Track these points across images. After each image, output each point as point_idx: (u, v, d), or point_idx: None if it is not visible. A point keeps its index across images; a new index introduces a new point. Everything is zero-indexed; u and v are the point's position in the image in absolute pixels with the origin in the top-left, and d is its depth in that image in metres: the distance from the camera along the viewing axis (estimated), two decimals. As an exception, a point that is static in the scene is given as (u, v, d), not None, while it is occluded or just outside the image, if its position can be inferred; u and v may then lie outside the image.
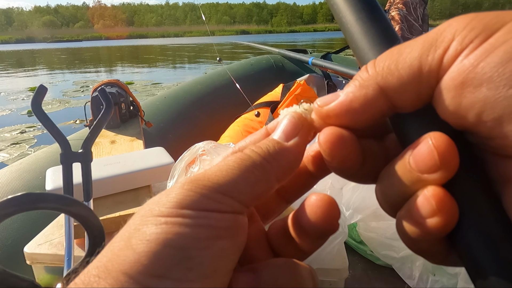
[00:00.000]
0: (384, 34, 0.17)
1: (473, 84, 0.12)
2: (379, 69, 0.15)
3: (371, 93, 0.15)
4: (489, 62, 0.12)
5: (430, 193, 0.13)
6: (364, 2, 0.18)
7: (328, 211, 0.15)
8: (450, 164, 0.13)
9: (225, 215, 0.14)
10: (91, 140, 0.46)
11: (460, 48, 0.13)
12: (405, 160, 0.14)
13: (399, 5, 1.81)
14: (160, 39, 61.05)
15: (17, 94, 4.52)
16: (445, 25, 0.14)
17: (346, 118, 0.15)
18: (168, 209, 0.14)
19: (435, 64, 0.13)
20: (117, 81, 1.04)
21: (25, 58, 13.30)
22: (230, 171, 0.15)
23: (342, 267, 0.46)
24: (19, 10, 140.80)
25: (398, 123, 0.15)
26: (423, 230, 0.14)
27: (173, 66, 8.11)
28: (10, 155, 2.16)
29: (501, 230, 0.13)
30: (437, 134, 0.13)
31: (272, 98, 1.26)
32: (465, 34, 0.13)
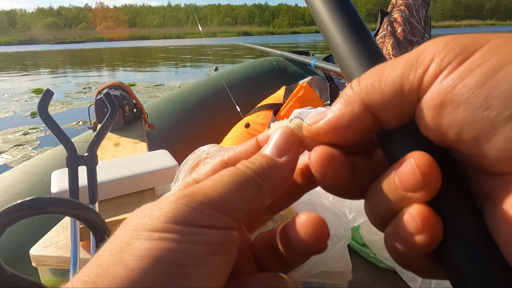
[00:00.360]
0: (369, 53, 0.17)
1: (452, 105, 0.13)
2: (363, 86, 0.15)
3: (357, 109, 0.15)
4: (465, 84, 0.13)
5: (415, 211, 0.14)
6: (350, 22, 0.18)
7: (318, 232, 0.16)
8: (433, 183, 0.13)
9: (220, 231, 0.14)
10: (96, 144, 0.47)
11: (439, 69, 0.13)
12: (390, 178, 0.14)
13: (402, 7, 1.81)
14: (162, 41, 61.24)
15: (20, 95, 4.55)
16: (426, 45, 0.14)
17: (335, 134, 0.16)
18: (162, 224, 0.13)
19: (415, 83, 0.14)
20: (121, 83, 1.04)
21: (28, 60, 13.36)
22: (226, 187, 0.15)
23: (345, 270, 0.47)
24: (22, 11, 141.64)
25: (384, 139, 0.16)
26: (409, 247, 0.14)
27: (175, 68, 8.13)
28: (13, 156, 2.17)
29: (483, 245, 0.13)
30: (419, 154, 0.14)
31: (274, 100, 1.26)
32: (443, 55, 0.13)
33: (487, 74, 0.12)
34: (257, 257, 0.18)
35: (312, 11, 0.20)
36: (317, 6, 0.19)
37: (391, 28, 1.73)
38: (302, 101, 1.16)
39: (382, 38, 1.73)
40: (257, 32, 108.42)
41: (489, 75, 0.12)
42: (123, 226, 0.14)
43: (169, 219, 0.13)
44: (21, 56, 16.24)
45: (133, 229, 0.14)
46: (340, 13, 0.18)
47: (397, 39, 1.70)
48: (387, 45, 1.68)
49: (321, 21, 0.19)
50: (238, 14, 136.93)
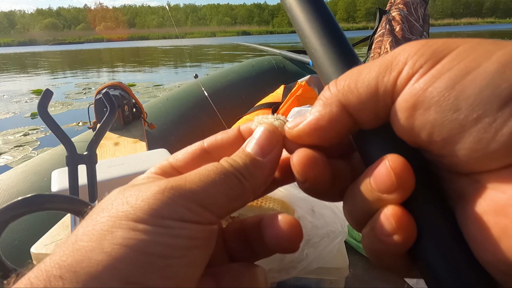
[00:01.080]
0: (345, 58, 0.18)
1: (423, 107, 0.13)
2: (340, 87, 0.16)
3: (335, 110, 0.15)
4: (435, 87, 0.13)
5: (390, 213, 0.14)
6: (326, 28, 0.19)
7: (293, 234, 0.16)
8: (406, 185, 0.14)
9: (203, 226, 0.15)
10: (95, 143, 0.47)
11: (412, 72, 0.14)
12: (366, 180, 0.15)
13: (400, 5, 1.82)
14: (161, 41, 61.19)
15: (20, 96, 4.55)
16: (400, 49, 0.15)
17: (316, 136, 0.16)
18: (147, 216, 0.14)
19: (390, 85, 0.14)
20: (120, 83, 1.05)
21: (27, 61, 13.37)
22: (211, 184, 0.15)
23: (342, 266, 0.47)
24: (22, 12, 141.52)
25: (360, 141, 0.16)
26: (385, 247, 0.14)
27: (175, 68, 8.13)
28: (13, 157, 2.17)
29: (455, 245, 0.14)
30: (393, 156, 0.14)
31: (273, 99, 1.26)
32: (416, 59, 0.14)
33: (455, 78, 0.13)
34: (227, 245, 0.19)
35: (290, 17, 0.21)
36: (295, 13, 0.20)
37: (390, 27, 1.74)
38: (301, 99, 1.17)
39: (381, 37, 1.73)
40: (256, 31, 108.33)
41: (457, 79, 0.13)
42: (102, 211, 0.14)
43: (154, 211, 0.14)
44: (20, 57, 16.24)
45: (114, 217, 0.14)
46: (317, 20, 0.19)
47: (395, 38, 1.70)
48: (385, 43, 1.68)
49: (299, 28, 0.20)
50: (238, 13, 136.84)
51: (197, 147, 0.19)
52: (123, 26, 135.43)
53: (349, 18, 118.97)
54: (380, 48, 1.69)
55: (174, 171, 0.18)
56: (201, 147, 0.19)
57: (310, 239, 0.45)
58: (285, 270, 0.44)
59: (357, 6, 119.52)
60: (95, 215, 0.14)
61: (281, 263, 0.43)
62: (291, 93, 1.20)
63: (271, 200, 0.46)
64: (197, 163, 0.18)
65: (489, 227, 0.13)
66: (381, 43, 1.71)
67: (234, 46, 13.57)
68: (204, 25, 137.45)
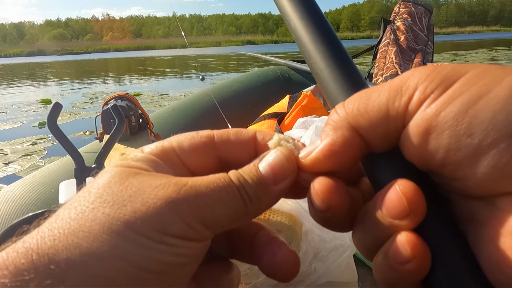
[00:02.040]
0: (351, 79, 0.18)
1: (436, 131, 0.13)
2: (349, 110, 0.15)
3: (347, 134, 0.15)
4: (448, 112, 0.13)
5: (404, 239, 0.14)
6: (332, 50, 0.19)
7: (291, 272, 0.17)
8: (419, 210, 0.14)
9: (200, 244, 0.15)
10: (104, 155, 0.48)
11: (423, 97, 0.14)
12: (377, 206, 0.15)
13: (404, 15, 1.82)
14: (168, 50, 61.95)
15: (28, 106, 4.61)
16: (409, 74, 0.15)
17: (330, 162, 0.16)
18: (150, 230, 0.13)
19: (401, 110, 0.14)
20: (127, 94, 1.06)
21: (36, 71, 13.59)
22: (217, 201, 0.15)
23: (351, 280, 0.46)
24: (31, 23, 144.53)
25: (369, 166, 0.16)
26: (399, 276, 0.14)
27: (180, 77, 8.21)
28: (21, 166, 2.20)
29: (470, 272, 0.13)
30: (404, 181, 0.14)
31: (279, 109, 1.27)
32: (426, 84, 0.14)
33: (468, 103, 0.13)
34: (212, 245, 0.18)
35: (295, 38, 0.21)
36: (300, 35, 0.20)
37: (394, 36, 1.74)
38: (306, 109, 1.17)
39: (385, 47, 1.74)
40: (261, 41, 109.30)
41: (470, 104, 0.13)
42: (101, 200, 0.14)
43: (159, 226, 0.14)
44: (29, 67, 16.53)
45: (115, 218, 0.13)
46: (322, 42, 0.19)
47: (400, 47, 1.71)
48: (390, 53, 1.68)
49: (304, 49, 0.20)
50: (242, 23, 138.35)
51: (206, 138, 0.18)
52: (129, 36, 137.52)
53: (353, 27, 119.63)
54: (385, 57, 1.69)
55: (175, 158, 0.18)
56: (210, 140, 0.18)
57: (318, 253, 0.45)
58: (293, 284, 0.43)
59: (361, 16, 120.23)
60: (93, 198, 0.14)
61: (289, 277, 0.43)
62: (296, 103, 1.20)
63: (278, 213, 0.46)
64: (202, 156, 0.18)
65: (506, 249, 0.12)
66: (386, 53, 1.71)
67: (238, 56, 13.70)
68: (209, 34, 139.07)
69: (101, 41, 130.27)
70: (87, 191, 0.15)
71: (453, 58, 7.94)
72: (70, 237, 0.13)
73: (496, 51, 10.19)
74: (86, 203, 0.14)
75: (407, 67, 1.62)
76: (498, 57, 7.84)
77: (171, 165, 0.17)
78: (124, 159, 0.17)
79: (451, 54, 9.35)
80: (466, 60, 7.35)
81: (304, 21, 0.20)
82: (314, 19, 0.20)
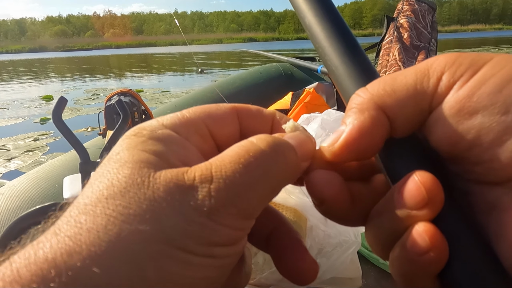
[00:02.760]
0: (367, 77, 0.18)
1: (470, 112, 0.14)
2: (373, 91, 0.15)
3: (375, 113, 0.15)
4: (482, 92, 0.13)
5: (422, 229, 0.13)
6: (347, 47, 0.19)
7: (311, 279, 0.16)
8: (437, 199, 0.14)
9: (243, 241, 0.14)
10: (108, 150, 0.47)
11: (453, 80, 0.14)
12: (394, 197, 0.14)
13: (408, 13, 1.81)
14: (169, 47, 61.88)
15: (30, 102, 4.62)
16: (433, 59, 0.15)
17: (361, 146, 0.15)
18: (196, 246, 0.12)
19: (430, 91, 0.14)
20: (130, 90, 1.06)
21: (37, 67, 13.60)
22: (256, 190, 0.14)
23: (355, 276, 0.47)
24: (32, 20, 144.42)
25: (385, 159, 0.16)
26: (417, 268, 0.14)
27: (182, 74, 8.20)
28: (24, 162, 2.20)
29: (487, 264, 0.13)
30: (422, 172, 0.14)
31: (281, 106, 1.26)
32: (454, 68, 0.14)
33: (501, 83, 0.13)
34: None
35: (310, 35, 0.20)
36: (315, 32, 0.20)
37: (397, 34, 1.73)
38: (309, 106, 1.16)
39: (389, 44, 1.73)
40: (262, 38, 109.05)
41: (504, 83, 0.13)
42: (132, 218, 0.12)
43: (204, 240, 0.12)
44: (30, 64, 16.54)
45: (156, 242, 0.12)
46: (337, 38, 0.19)
47: (403, 45, 1.70)
48: (393, 50, 1.67)
49: (319, 46, 0.20)
50: (244, 20, 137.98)
51: (231, 109, 0.17)
52: (131, 33, 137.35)
53: (356, 24, 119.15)
54: (388, 55, 1.69)
55: (204, 130, 0.16)
56: (235, 110, 0.17)
57: (323, 249, 0.45)
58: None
59: (363, 13, 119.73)
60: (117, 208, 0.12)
61: (294, 273, 0.43)
62: (299, 100, 1.20)
63: (283, 208, 0.46)
64: (230, 127, 0.17)
65: None
66: (389, 50, 1.71)
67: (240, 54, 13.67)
68: (210, 32, 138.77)
69: (102, 38, 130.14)
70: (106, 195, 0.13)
71: (456, 56, 7.89)
72: (105, 260, 0.11)
73: (498, 49, 10.15)
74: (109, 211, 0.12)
75: (410, 65, 1.61)
76: (501, 56, 7.80)
77: (197, 138, 0.16)
78: (141, 136, 0.15)
79: (454, 52, 9.29)
80: (468, 59, 7.29)
81: (319, 18, 0.20)
82: (329, 16, 0.20)
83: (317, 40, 0.20)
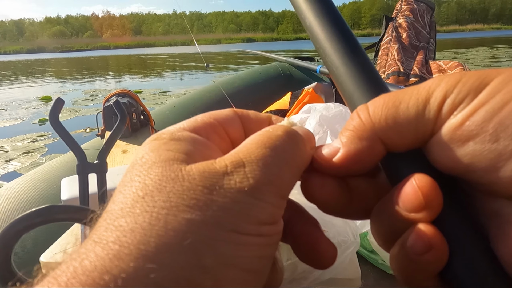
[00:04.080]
0: (368, 78, 0.18)
1: (461, 140, 0.14)
2: (376, 120, 0.15)
3: (372, 144, 0.15)
4: (473, 121, 0.14)
5: (421, 230, 0.14)
6: (348, 48, 0.19)
7: (331, 263, 0.17)
8: (434, 203, 0.14)
9: (281, 221, 0.15)
10: (106, 152, 0.47)
11: (453, 108, 0.14)
12: (393, 200, 0.15)
13: (406, 12, 1.82)
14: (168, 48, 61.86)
15: (28, 103, 4.61)
16: (434, 84, 0.15)
17: (352, 169, 0.16)
18: (247, 225, 0.13)
19: (430, 123, 0.15)
20: (128, 91, 1.06)
21: (36, 68, 13.57)
22: (284, 167, 0.14)
23: (354, 276, 0.46)
24: (31, 21, 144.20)
25: (387, 163, 0.16)
26: (416, 267, 0.14)
27: (180, 74, 8.20)
28: (22, 163, 2.19)
29: (489, 267, 0.13)
30: (420, 175, 0.14)
31: (280, 107, 1.26)
32: (454, 96, 0.14)
33: (492, 111, 0.13)
34: None
35: (311, 35, 0.21)
36: (316, 32, 0.20)
37: (396, 34, 1.74)
38: (308, 107, 1.16)
39: (387, 44, 1.73)
40: (261, 38, 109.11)
41: (494, 111, 0.13)
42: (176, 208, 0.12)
43: (250, 218, 0.13)
44: (29, 65, 16.51)
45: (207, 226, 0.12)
46: (338, 39, 0.19)
47: (402, 44, 1.70)
48: (392, 50, 1.68)
49: (320, 46, 0.20)
50: (243, 21, 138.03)
51: (233, 113, 0.18)
52: (129, 34, 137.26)
53: (354, 24, 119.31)
54: (387, 55, 1.69)
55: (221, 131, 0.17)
56: (236, 114, 0.18)
57: (322, 250, 0.45)
58: (297, 280, 0.43)
59: (362, 13, 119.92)
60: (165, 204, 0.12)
61: (293, 273, 0.42)
62: (298, 100, 1.20)
63: (282, 209, 0.46)
64: (237, 128, 0.18)
65: None
66: (387, 50, 1.71)
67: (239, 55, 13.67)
68: (209, 32, 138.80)
69: (100, 38, 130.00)
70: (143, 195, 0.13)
71: (454, 56, 7.91)
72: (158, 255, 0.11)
73: (497, 49, 10.17)
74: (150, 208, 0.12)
75: (409, 64, 1.62)
76: (499, 55, 7.83)
77: (216, 138, 0.17)
78: (161, 139, 0.15)
79: (452, 52, 9.33)
80: (467, 58, 7.33)
81: (319, 19, 0.20)
82: (329, 16, 0.20)
83: (318, 41, 0.20)
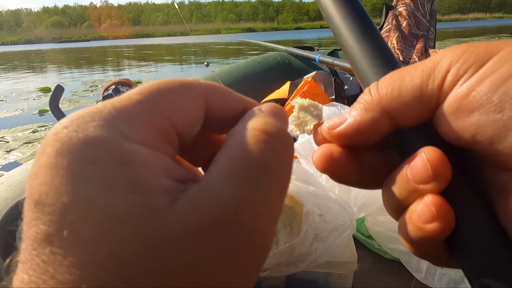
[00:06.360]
0: (382, 57, 0.18)
1: (467, 110, 0.14)
2: (382, 93, 0.16)
3: (378, 116, 0.16)
4: (479, 91, 0.14)
5: (430, 200, 0.14)
6: (363, 27, 0.19)
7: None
8: (443, 176, 0.14)
9: None
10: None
11: (456, 78, 0.14)
12: (403, 172, 0.15)
13: (407, 1, 1.80)
14: (167, 38, 61.28)
15: (28, 94, 4.59)
16: (441, 55, 0.15)
17: (356, 138, 0.17)
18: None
19: (435, 92, 0.15)
20: (128, 80, 1.06)
21: (34, 59, 13.48)
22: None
23: (351, 260, 0.47)
24: (28, 11, 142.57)
25: (398, 138, 0.17)
26: (423, 235, 0.15)
27: (180, 65, 8.15)
28: (23, 154, 2.20)
29: (494, 235, 0.14)
30: (430, 148, 0.15)
31: (279, 96, 1.26)
32: (459, 66, 0.14)
33: (498, 81, 0.13)
34: None
35: (325, 16, 0.21)
36: (331, 13, 0.20)
37: (396, 22, 1.72)
38: (307, 96, 1.16)
39: (387, 32, 1.72)
40: (261, 28, 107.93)
41: (500, 82, 0.13)
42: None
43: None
44: (27, 55, 16.38)
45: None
46: (353, 19, 0.19)
47: (402, 33, 1.69)
48: (392, 39, 1.67)
49: (335, 27, 0.20)
50: (242, 10, 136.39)
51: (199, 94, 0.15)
52: (128, 24, 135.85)
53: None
54: (387, 43, 1.68)
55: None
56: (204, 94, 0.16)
57: (319, 233, 0.46)
58: (294, 263, 0.44)
59: (362, 2, 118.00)
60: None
61: (290, 257, 0.43)
62: (297, 89, 1.19)
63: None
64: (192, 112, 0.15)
65: None
66: (387, 39, 1.70)
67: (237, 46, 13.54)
68: (208, 22, 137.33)
69: (99, 29, 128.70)
70: None
71: (455, 46, 7.84)
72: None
73: (499, 38, 10.08)
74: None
75: (409, 53, 1.61)
76: (501, 44, 7.75)
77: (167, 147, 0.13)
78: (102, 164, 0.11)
79: (453, 42, 9.25)
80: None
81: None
82: None
83: (332, 21, 0.20)
